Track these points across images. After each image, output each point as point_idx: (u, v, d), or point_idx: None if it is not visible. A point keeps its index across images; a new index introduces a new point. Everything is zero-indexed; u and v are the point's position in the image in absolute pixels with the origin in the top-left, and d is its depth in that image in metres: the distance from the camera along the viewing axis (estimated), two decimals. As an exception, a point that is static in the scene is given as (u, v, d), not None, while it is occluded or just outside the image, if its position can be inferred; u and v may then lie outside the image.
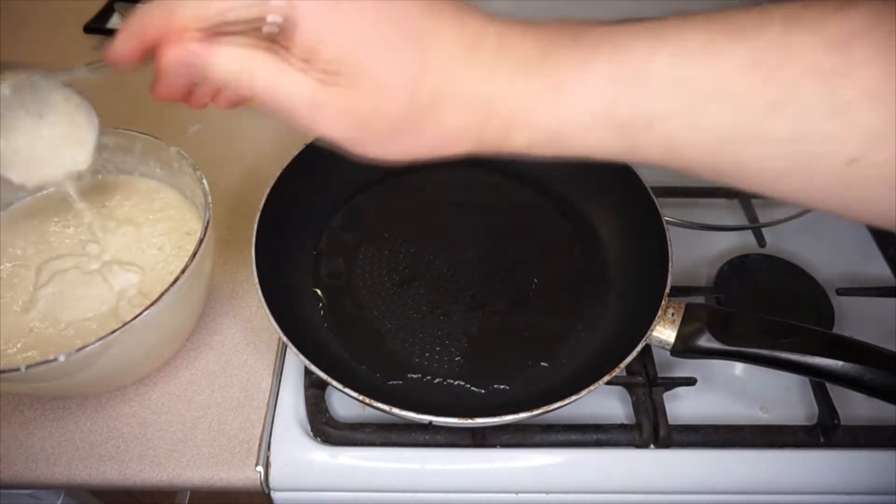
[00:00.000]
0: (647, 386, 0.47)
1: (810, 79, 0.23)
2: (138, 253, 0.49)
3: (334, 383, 0.40)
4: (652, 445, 0.46)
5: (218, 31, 0.26)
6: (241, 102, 0.31)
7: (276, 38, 0.26)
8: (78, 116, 0.40)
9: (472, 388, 0.46)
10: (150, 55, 0.28)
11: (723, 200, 0.62)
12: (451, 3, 0.27)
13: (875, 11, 0.22)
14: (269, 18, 0.25)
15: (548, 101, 0.26)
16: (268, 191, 0.50)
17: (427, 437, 0.45)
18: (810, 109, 0.23)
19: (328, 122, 0.27)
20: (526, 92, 0.26)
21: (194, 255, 0.42)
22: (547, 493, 0.46)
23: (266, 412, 0.47)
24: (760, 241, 0.58)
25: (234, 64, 0.26)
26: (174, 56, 0.26)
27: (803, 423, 0.47)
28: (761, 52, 0.23)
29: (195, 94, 0.31)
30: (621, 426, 0.46)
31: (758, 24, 0.24)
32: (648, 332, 0.43)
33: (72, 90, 0.40)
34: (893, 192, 0.23)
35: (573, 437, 0.45)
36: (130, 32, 0.27)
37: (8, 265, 0.48)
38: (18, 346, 0.44)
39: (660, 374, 0.48)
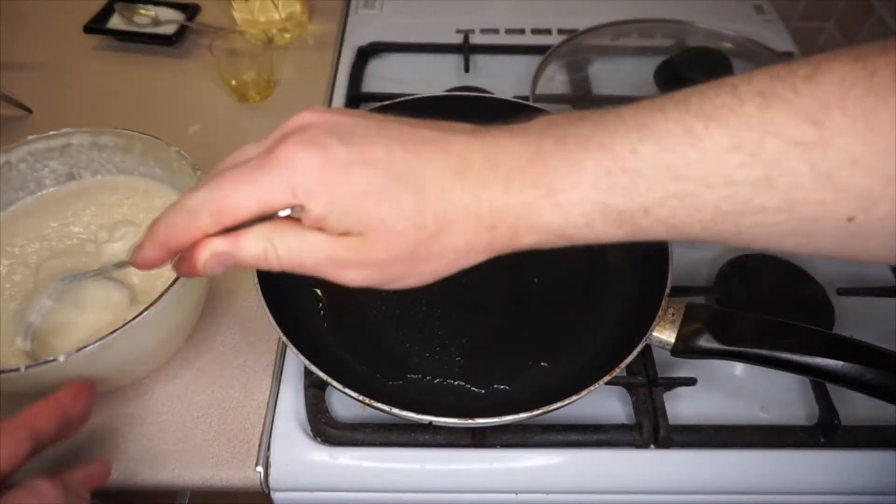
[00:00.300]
0: (648, 386, 0.47)
1: (792, 153, 0.23)
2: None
3: (334, 383, 0.40)
4: (652, 445, 0.46)
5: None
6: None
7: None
8: (111, 294, 0.46)
9: (472, 388, 0.46)
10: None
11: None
12: (434, 130, 0.29)
13: (844, 76, 0.23)
14: (280, 213, 0.28)
15: (545, 206, 0.28)
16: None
17: (427, 437, 0.45)
18: (798, 181, 0.24)
19: (352, 273, 0.30)
20: (522, 201, 0.28)
21: (194, 255, 0.42)
22: (547, 493, 0.46)
23: (266, 412, 0.47)
24: (760, 241, 0.58)
25: (258, 246, 0.28)
26: (205, 259, 0.28)
27: (803, 423, 0.47)
28: (740, 132, 0.24)
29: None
30: (621, 426, 0.46)
31: (733, 104, 0.24)
32: (649, 333, 0.43)
33: (101, 277, 0.46)
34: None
35: (573, 437, 0.45)
36: (157, 244, 0.29)
37: (6, 263, 0.48)
38: (18, 345, 0.44)
39: (660, 375, 0.48)
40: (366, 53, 0.77)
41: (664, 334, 0.43)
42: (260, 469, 0.45)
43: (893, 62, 0.22)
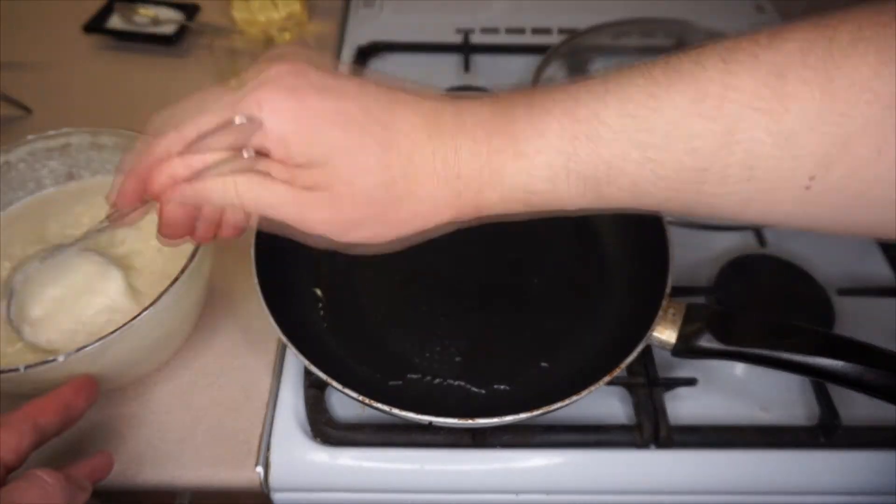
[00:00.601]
0: (648, 386, 0.47)
1: (751, 117, 0.24)
2: (137, 254, 0.49)
3: (334, 383, 0.40)
4: (652, 446, 0.46)
5: (198, 150, 0.29)
6: (243, 229, 0.34)
7: (259, 152, 0.29)
8: (96, 271, 0.46)
9: (473, 389, 0.46)
10: (148, 200, 0.32)
11: (723, 200, 0.62)
12: (409, 93, 0.30)
13: (805, 40, 0.23)
14: (237, 119, 0.28)
15: (511, 161, 0.28)
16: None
17: (427, 437, 0.45)
18: (757, 142, 0.24)
19: (315, 219, 0.29)
20: (489, 155, 0.28)
21: (193, 255, 0.42)
22: (547, 493, 0.46)
23: (266, 413, 0.47)
24: (761, 240, 0.58)
25: (222, 188, 0.29)
26: (161, 182, 0.29)
27: (804, 423, 0.47)
28: (703, 91, 0.24)
29: (198, 230, 0.33)
30: (622, 426, 0.46)
31: (697, 65, 0.25)
32: (649, 333, 0.43)
33: (89, 252, 0.46)
34: (854, 205, 0.24)
35: (574, 437, 0.45)
36: (128, 174, 0.30)
37: (7, 266, 0.48)
38: (18, 346, 0.44)
39: (660, 375, 0.48)
40: (366, 53, 0.77)
41: (665, 334, 0.43)
42: (260, 469, 0.45)
43: (850, 28, 0.23)
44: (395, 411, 0.39)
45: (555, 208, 0.29)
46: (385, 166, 0.28)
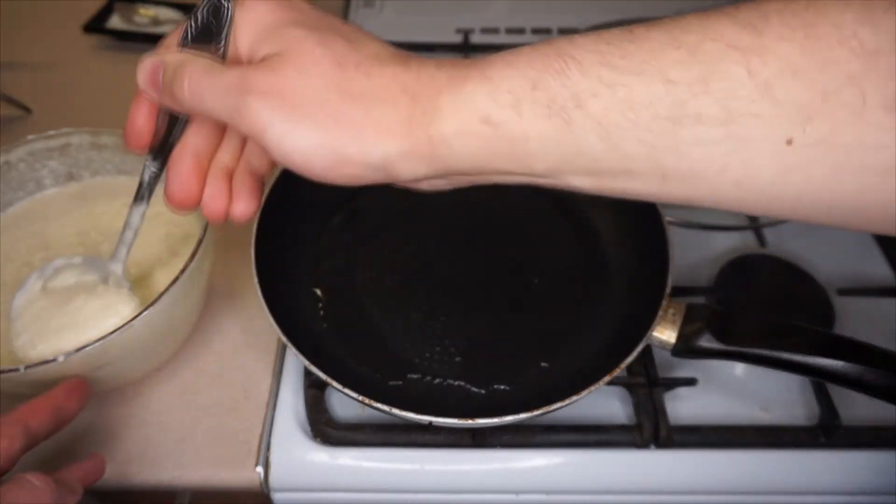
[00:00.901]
0: (648, 386, 0.47)
1: (731, 57, 0.23)
2: (137, 253, 0.49)
3: (334, 384, 0.40)
4: (652, 446, 0.46)
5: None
6: (254, 210, 0.33)
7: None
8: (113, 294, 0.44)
9: (473, 389, 0.46)
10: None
11: (723, 200, 0.62)
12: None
13: None
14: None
15: (474, 80, 0.26)
16: (267, 190, 0.49)
17: (427, 437, 0.45)
18: (736, 88, 0.23)
19: (254, 102, 0.27)
20: (452, 75, 0.27)
21: (193, 255, 0.42)
22: (547, 493, 0.46)
23: (266, 413, 0.47)
24: (761, 241, 0.58)
25: (175, 60, 0.29)
26: (142, 65, 0.31)
27: (804, 423, 0.47)
28: (680, 34, 0.24)
29: (207, 191, 0.33)
30: (622, 427, 0.46)
31: (675, 18, 0.25)
32: (649, 333, 0.43)
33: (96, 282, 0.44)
34: (839, 166, 0.23)
35: (574, 437, 0.45)
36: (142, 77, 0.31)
37: (12, 268, 0.48)
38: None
39: (660, 375, 0.48)
40: (366, 53, 0.76)
41: (664, 334, 0.43)
42: (260, 469, 0.45)
43: None
44: (395, 411, 0.39)
45: (519, 155, 0.27)
46: (341, 66, 0.27)
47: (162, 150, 0.34)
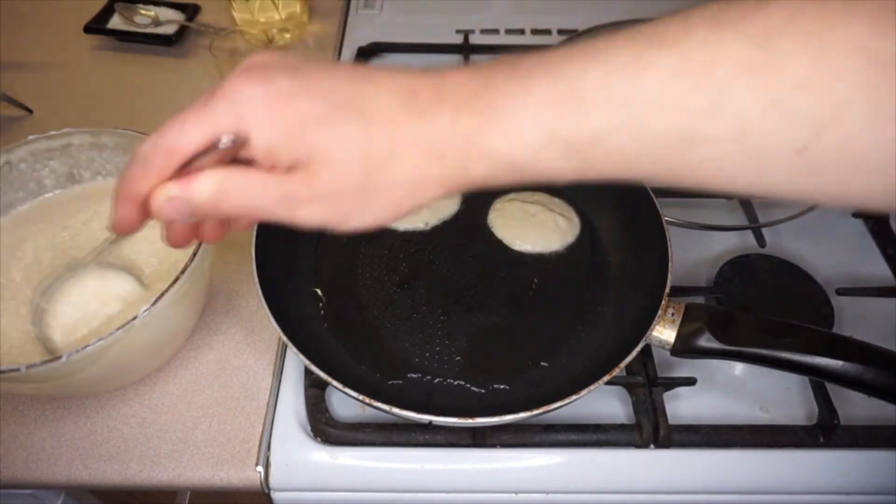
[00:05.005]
0: (647, 386, 0.47)
1: (740, 77, 0.23)
2: (138, 253, 0.49)
3: (334, 383, 0.40)
4: (652, 445, 0.46)
5: (189, 171, 0.28)
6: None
7: (245, 161, 0.28)
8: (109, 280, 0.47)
9: (472, 388, 0.46)
10: (146, 220, 0.30)
11: (723, 200, 0.62)
12: (383, 70, 0.29)
13: (793, 3, 0.23)
14: (223, 140, 0.27)
15: (494, 132, 0.27)
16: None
17: (427, 437, 0.45)
18: (747, 107, 0.23)
19: (303, 211, 0.28)
20: (471, 126, 0.27)
21: (194, 255, 0.42)
22: (547, 493, 0.46)
23: (266, 412, 0.47)
24: (760, 241, 0.58)
25: (210, 187, 0.28)
26: (159, 204, 0.28)
27: (803, 423, 0.47)
28: (688, 57, 0.24)
29: (203, 230, 0.33)
30: (621, 426, 0.46)
31: (683, 30, 0.24)
32: (648, 332, 0.43)
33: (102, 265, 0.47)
34: (849, 174, 0.23)
35: (573, 437, 0.45)
36: (122, 199, 0.29)
37: (20, 268, 0.48)
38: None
39: (660, 374, 0.48)
40: (366, 53, 0.77)
41: (664, 334, 0.43)
42: (260, 469, 0.45)
43: None
44: (395, 411, 0.39)
45: (544, 179, 0.28)
46: (363, 145, 0.27)
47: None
